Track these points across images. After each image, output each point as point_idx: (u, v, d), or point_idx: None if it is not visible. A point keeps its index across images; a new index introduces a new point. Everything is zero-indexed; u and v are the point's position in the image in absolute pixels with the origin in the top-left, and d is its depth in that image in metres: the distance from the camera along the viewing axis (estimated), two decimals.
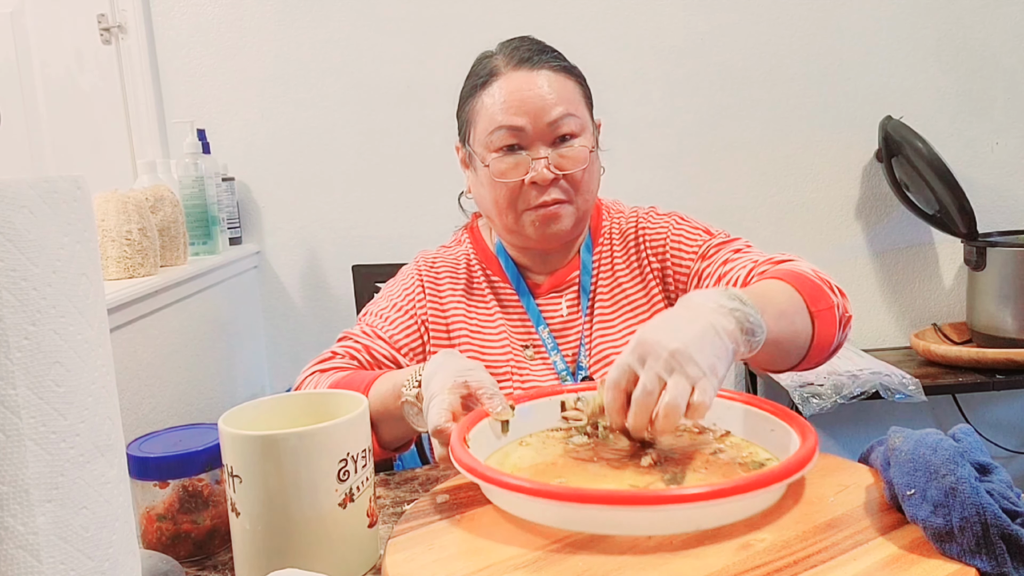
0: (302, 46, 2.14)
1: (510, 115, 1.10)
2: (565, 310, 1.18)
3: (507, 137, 1.10)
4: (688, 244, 1.16)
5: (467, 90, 1.18)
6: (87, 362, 0.51)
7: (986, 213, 2.09)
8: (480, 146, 1.13)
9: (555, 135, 1.11)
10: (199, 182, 1.80)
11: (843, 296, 1.00)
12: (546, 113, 1.10)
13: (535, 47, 1.15)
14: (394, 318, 1.16)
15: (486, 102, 1.13)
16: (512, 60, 1.13)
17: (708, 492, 0.68)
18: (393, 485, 0.99)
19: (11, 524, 0.47)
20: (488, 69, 1.14)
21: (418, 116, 2.14)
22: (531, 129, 1.10)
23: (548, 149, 1.11)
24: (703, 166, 2.16)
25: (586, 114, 1.15)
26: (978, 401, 2.21)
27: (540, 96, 1.10)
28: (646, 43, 2.12)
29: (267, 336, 2.23)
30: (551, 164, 1.10)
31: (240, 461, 0.74)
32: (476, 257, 1.23)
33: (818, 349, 0.96)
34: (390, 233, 2.19)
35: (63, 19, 2.12)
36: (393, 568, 0.68)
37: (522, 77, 1.11)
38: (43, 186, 0.49)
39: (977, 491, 0.62)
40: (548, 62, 1.13)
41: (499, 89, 1.12)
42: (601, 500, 0.68)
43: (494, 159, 1.11)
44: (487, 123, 1.12)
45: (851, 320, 1.01)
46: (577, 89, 1.15)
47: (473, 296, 1.20)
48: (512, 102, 1.10)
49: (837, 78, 2.13)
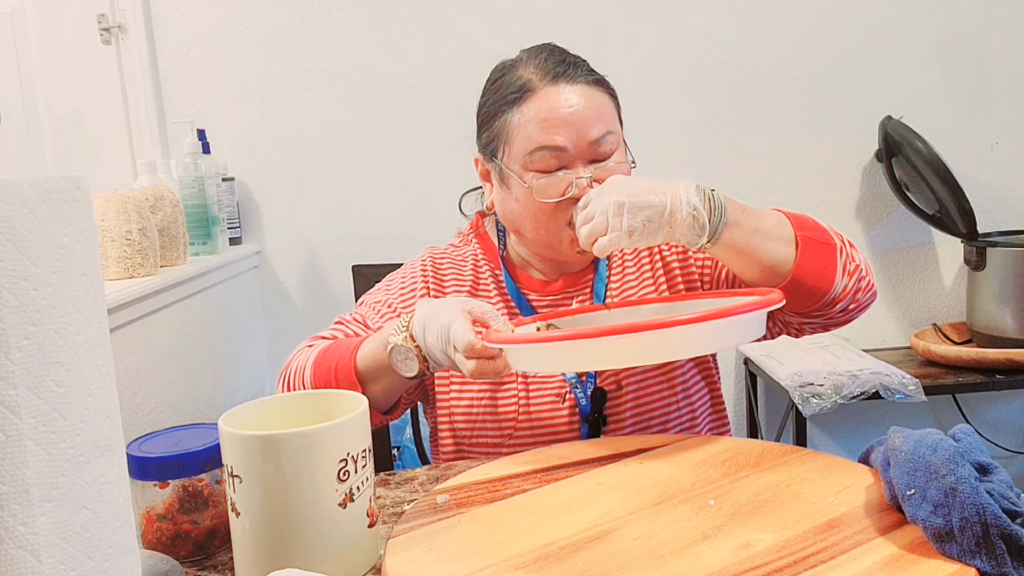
0: (302, 46, 2.14)
1: (551, 135, 1.06)
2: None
3: (548, 158, 1.07)
4: None
5: (495, 104, 1.12)
6: (87, 362, 0.51)
7: (986, 213, 2.09)
8: (517, 165, 1.09)
9: (595, 154, 1.08)
10: (199, 182, 1.80)
11: (853, 248, 1.07)
12: (587, 133, 1.07)
13: (567, 59, 1.12)
14: (384, 314, 1.16)
15: (523, 120, 1.08)
16: (547, 74, 1.09)
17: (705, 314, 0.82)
18: (393, 485, 0.99)
19: (11, 524, 0.47)
20: (520, 83, 1.10)
21: (418, 116, 2.14)
22: (573, 149, 1.07)
23: (588, 167, 1.08)
24: (703, 166, 2.16)
25: (619, 127, 1.13)
26: (978, 401, 2.21)
27: (581, 115, 1.07)
28: (646, 43, 2.12)
29: (267, 336, 2.23)
30: (592, 181, 1.07)
31: (240, 461, 0.74)
32: (484, 257, 1.22)
33: (808, 277, 1.01)
34: (390, 233, 2.19)
35: (63, 19, 2.12)
36: (393, 568, 0.68)
37: (559, 93, 1.07)
38: (43, 186, 0.49)
39: (977, 491, 0.62)
40: (583, 76, 1.10)
41: (537, 107, 1.07)
42: (617, 331, 0.82)
43: (535, 179, 1.08)
44: (525, 142, 1.08)
45: (864, 274, 1.06)
46: (611, 102, 1.13)
47: (479, 296, 1.19)
48: (554, 120, 1.06)
49: (837, 78, 2.13)
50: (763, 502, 0.75)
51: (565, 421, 1.10)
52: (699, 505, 0.75)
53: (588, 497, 0.79)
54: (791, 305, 1.03)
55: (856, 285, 1.04)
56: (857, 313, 1.07)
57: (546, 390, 1.12)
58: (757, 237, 0.99)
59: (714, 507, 0.75)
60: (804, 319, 1.08)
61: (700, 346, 0.92)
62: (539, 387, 1.13)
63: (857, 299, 1.05)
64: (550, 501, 0.80)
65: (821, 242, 1.02)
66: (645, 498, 0.78)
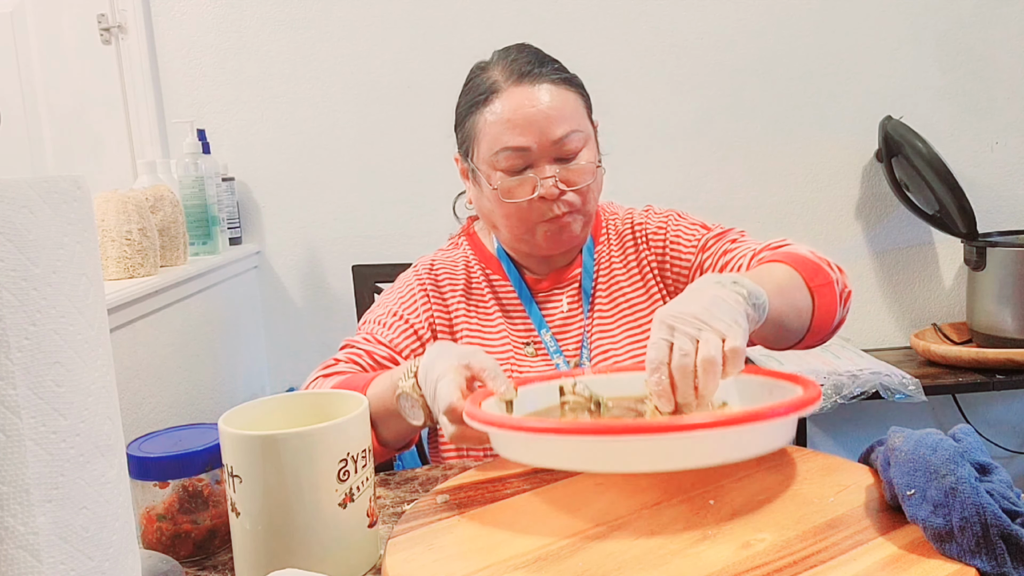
0: (302, 46, 2.14)
1: (515, 135, 1.08)
2: (565, 306, 1.19)
3: (512, 158, 1.09)
4: (687, 238, 1.17)
5: (466, 105, 1.15)
6: (87, 362, 0.51)
7: (986, 213, 2.09)
8: (485, 164, 1.12)
9: (560, 152, 1.09)
10: (199, 182, 1.80)
11: (841, 272, 1.04)
12: (551, 131, 1.08)
13: (534, 58, 1.13)
14: (392, 323, 1.16)
15: (488, 120, 1.10)
16: (512, 75, 1.10)
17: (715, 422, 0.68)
18: (393, 485, 0.99)
19: (11, 524, 0.47)
20: (487, 85, 1.12)
21: (418, 116, 2.14)
22: (536, 148, 1.08)
23: (554, 166, 1.09)
24: (703, 166, 2.16)
25: (588, 125, 1.14)
26: (978, 401, 2.20)
27: (544, 114, 1.08)
28: (646, 43, 2.12)
29: (267, 336, 2.23)
30: (558, 180, 1.09)
31: (240, 461, 0.74)
32: (476, 259, 1.23)
33: (820, 324, 0.99)
34: (390, 233, 2.19)
35: (63, 19, 2.12)
36: (393, 568, 0.68)
37: (523, 93, 1.09)
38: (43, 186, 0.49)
39: (977, 491, 0.62)
40: (548, 75, 1.11)
41: (501, 107, 1.09)
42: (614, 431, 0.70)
43: (501, 179, 1.10)
44: (491, 143, 1.10)
45: (851, 296, 1.04)
46: (579, 100, 1.13)
47: (473, 297, 1.20)
48: (516, 121, 1.08)
49: (837, 78, 2.13)
50: (763, 502, 0.75)
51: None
52: (699, 505, 0.75)
53: (588, 497, 0.79)
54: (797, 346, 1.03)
55: (846, 309, 1.04)
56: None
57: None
58: (780, 298, 0.92)
59: (714, 507, 0.75)
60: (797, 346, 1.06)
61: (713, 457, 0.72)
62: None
63: (844, 319, 1.04)
64: (550, 501, 0.80)
65: (825, 284, 0.99)
66: (645, 498, 0.78)
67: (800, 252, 1.02)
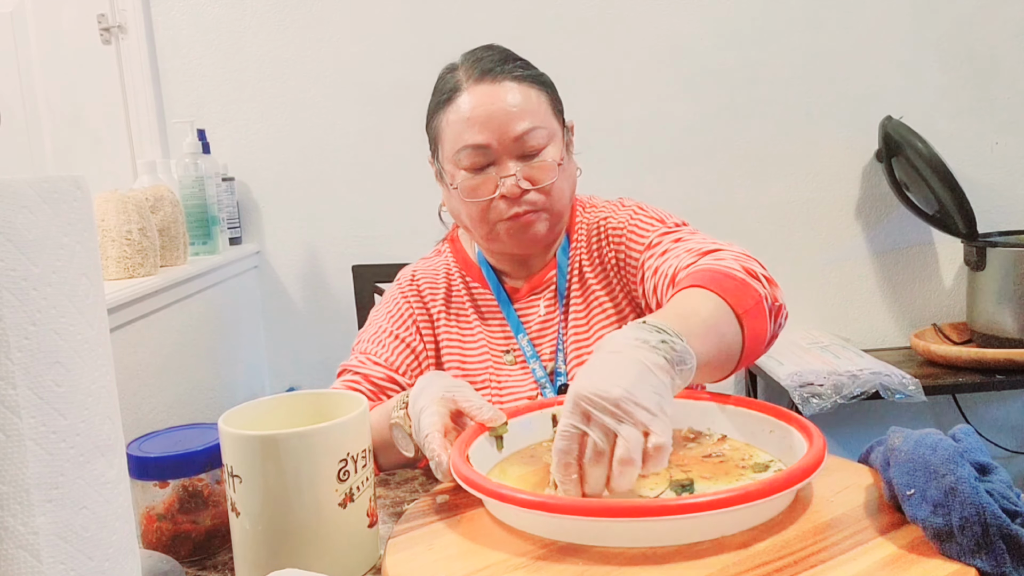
0: (302, 46, 2.14)
1: (474, 133, 1.07)
2: (543, 310, 1.17)
3: (473, 155, 1.08)
4: (640, 235, 1.12)
5: (432, 105, 1.15)
6: (87, 362, 0.51)
7: (986, 213, 2.09)
8: (449, 164, 1.11)
9: (522, 149, 1.08)
10: (199, 182, 1.80)
11: (772, 285, 0.93)
12: (511, 128, 1.07)
13: (497, 57, 1.12)
14: (385, 341, 1.16)
15: (451, 119, 1.10)
16: (473, 73, 1.10)
17: (724, 499, 0.65)
18: (393, 485, 0.99)
19: (11, 524, 0.47)
20: (451, 84, 1.11)
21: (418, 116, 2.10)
22: (497, 145, 1.07)
23: (516, 163, 1.08)
24: (703, 166, 2.16)
25: (553, 122, 1.12)
26: (978, 401, 2.21)
27: (504, 111, 1.07)
28: (646, 43, 2.12)
29: (267, 336, 2.23)
30: (520, 179, 1.07)
31: (240, 461, 0.74)
32: (457, 266, 1.22)
33: (751, 350, 0.89)
34: (390, 233, 2.19)
35: (63, 19, 2.12)
36: (393, 568, 0.68)
37: (484, 92, 1.08)
38: (43, 186, 0.49)
39: (977, 491, 0.62)
40: (511, 72, 1.10)
41: (462, 105, 1.09)
42: (616, 513, 0.65)
43: (462, 178, 1.09)
44: (453, 142, 1.09)
45: (783, 309, 0.95)
46: (543, 97, 1.12)
47: (453, 305, 1.19)
48: (476, 119, 1.07)
49: (837, 78, 2.13)
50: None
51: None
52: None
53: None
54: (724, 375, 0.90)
55: (778, 324, 0.94)
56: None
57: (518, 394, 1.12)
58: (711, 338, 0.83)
59: None
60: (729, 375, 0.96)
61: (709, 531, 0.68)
62: (511, 390, 1.12)
63: (777, 334, 0.95)
64: None
65: (755, 306, 0.89)
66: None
67: (726, 269, 0.92)
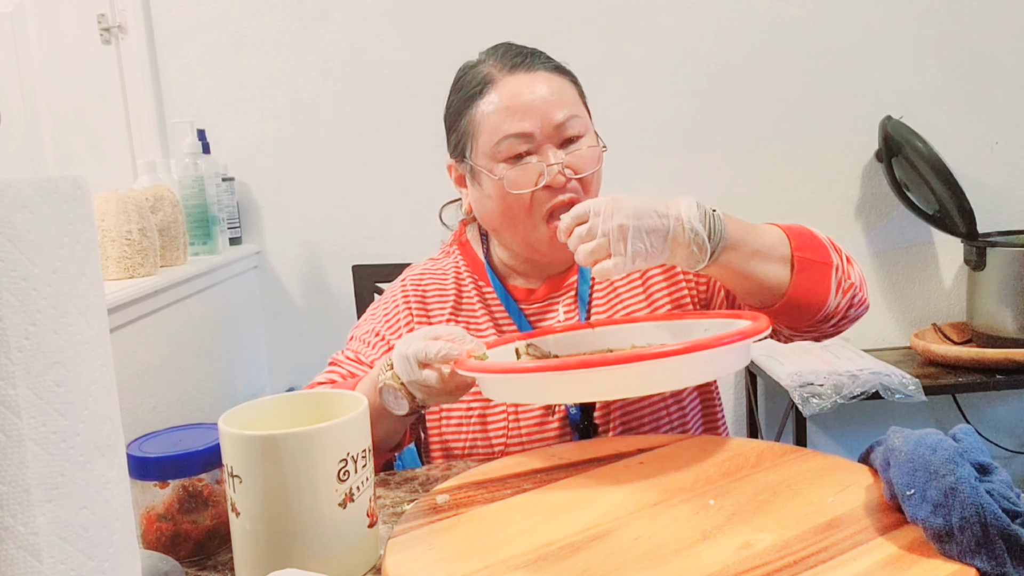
0: (302, 46, 2.14)
1: (516, 121, 1.06)
2: (562, 315, 1.15)
3: (517, 144, 1.06)
4: None
5: (459, 102, 1.13)
6: (87, 362, 0.51)
7: (986, 213, 2.09)
8: (485, 159, 1.08)
9: (563, 137, 1.07)
10: (199, 182, 1.80)
11: (850, 264, 1.03)
12: (552, 115, 1.06)
13: (523, 50, 1.12)
14: (376, 344, 1.14)
15: (486, 111, 1.08)
16: (505, 64, 1.09)
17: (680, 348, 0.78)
18: (393, 485, 0.99)
19: (11, 524, 0.47)
20: (480, 77, 1.10)
21: (418, 116, 2.13)
22: (539, 133, 1.06)
23: (558, 152, 1.07)
24: (703, 166, 2.16)
25: (585, 113, 1.12)
26: (978, 401, 2.21)
27: (543, 98, 1.06)
28: (646, 43, 2.12)
29: (267, 336, 2.23)
30: (564, 168, 1.06)
31: (240, 461, 0.74)
32: (467, 269, 1.19)
33: (799, 297, 0.98)
34: (390, 233, 2.19)
35: (63, 19, 2.12)
36: (393, 568, 0.68)
37: (520, 81, 1.08)
38: (43, 186, 0.49)
39: (977, 491, 0.62)
40: (541, 64, 1.10)
41: (498, 96, 1.07)
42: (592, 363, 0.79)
43: (505, 169, 1.07)
44: (491, 133, 1.07)
45: (857, 293, 1.03)
46: (574, 88, 1.12)
47: (463, 310, 1.17)
48: (517, 107, 1.06)
49: (837, 78, 2.13)
50: (763, 502, 0.75)
51: (555, 434, 1.09)
52: (699, 505, 0.75)
53: (588, 497, 0.79)
54: (783, 321, 1.03)
55: (849, 302, 1.03)
56: (847, 326, 1.06)
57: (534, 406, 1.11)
58: (755, 260, 0.96)
59: (714, 507, 0.75)
60: (794, 332, 1.07)
61: (683, 379, 0.90)
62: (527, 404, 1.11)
63: (848, 315, 1.04)
64: (550, 501, 0.80)
65: (818, 262, 1.00)
66: (645, 498, 0.78)
67: (810, 230, 1.03)
